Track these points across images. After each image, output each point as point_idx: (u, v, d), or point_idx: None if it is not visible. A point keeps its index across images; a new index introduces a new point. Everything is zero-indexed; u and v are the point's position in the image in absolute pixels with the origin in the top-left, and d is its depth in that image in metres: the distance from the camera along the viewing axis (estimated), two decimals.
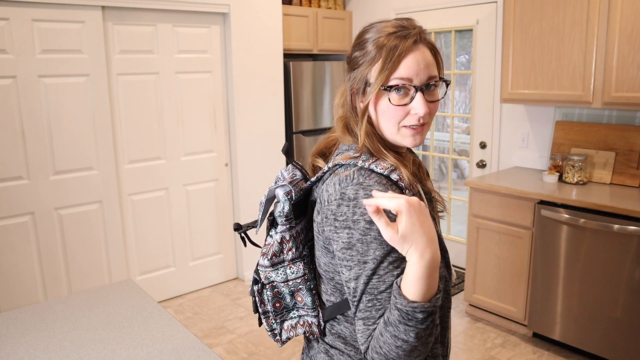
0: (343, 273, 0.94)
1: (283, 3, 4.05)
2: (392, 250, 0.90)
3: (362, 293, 0.91)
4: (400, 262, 0.91)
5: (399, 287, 0.86)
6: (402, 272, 0.91)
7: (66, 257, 3.16)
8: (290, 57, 4.36)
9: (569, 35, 2.88)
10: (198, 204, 3.75)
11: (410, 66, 0.95)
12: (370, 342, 0.91)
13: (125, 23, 3.23)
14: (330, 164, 1.01)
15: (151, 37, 3.35)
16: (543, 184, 3.05)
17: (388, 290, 0.90)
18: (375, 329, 0.91)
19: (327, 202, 0.97)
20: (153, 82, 3.41)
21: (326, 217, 0.96)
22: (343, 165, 0.99)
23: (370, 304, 0.91)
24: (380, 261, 0.90)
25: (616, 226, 2.55)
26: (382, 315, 0.90)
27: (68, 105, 3.06)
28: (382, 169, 0.95)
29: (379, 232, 0.89)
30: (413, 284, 0.84)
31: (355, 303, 0.92)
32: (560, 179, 3.12)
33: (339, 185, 0.96)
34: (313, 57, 4.66)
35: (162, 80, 3.44)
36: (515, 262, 3.03)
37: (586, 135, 3.15)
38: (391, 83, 0.96)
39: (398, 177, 0.95)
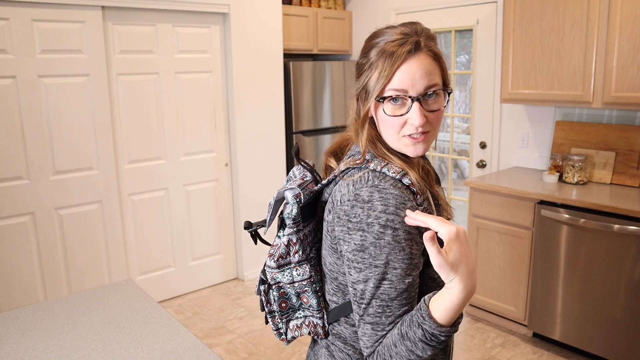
0: (351, 274, 0.94)
1: (283, 3, 4.05)
2: (406, 256, 0.90)
3: (372, 297, 0.91)
4: (412, 269, 0.92)
5: (428, 306, 0.87)
6: (413, 280, 0.92)
7: (66, 257, 3.16)
8: (290, 57, 4.36)
9: (569, 35, 2.88)
10: (198, 204, 3.75)
11: (404, 77, 0.94)
12: (377, 347, 0.92)
13: (125, 23, 3.23)
14: (342, 167, 1.01)
15: (151, 37, 3.35)
16: (543, 184, 3.05)
17: (399, 298, 0.91)
18: (383, 335, 0.91)
19: (340, 202, 0.96)
20: (153, 82, 3.41)
21: (338, 217, 0.96)
22: (355, 168, 0.99)
23: (380, 310, 0.91)
24: (394, 267, 0.90)
25: (616, 226, 2.55)
26: (392, 322, 0.91)
27: (68, 105, 3.06)
28: (395, 172, 0.95)
29: (392, 237, 0.89)
30: (448, 310, 0.85)
31: (363, 306, 0.92)
32: (560, 179, 3.12)
33: (353, 186, 0.95)
34: (313, 57, 4.66)
35: (162, 80, 3.44)
36: (515, 262, 3.02)
37: (586, 135, 3.15)
38: (386, 94, 0.95)
39: (410, 182, 0.95)
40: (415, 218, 0.88)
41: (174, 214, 3.64)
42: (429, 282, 0.99)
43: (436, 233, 0.85)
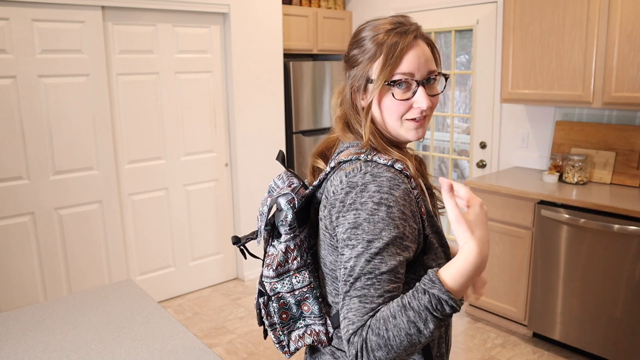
0: (343, 254, 0.91)
1: (283, 3, 4.05)
2: (399, 234, 0.89)
3: (362, 273, 0.87)
4: (404, 248, 0.90)
5: (437, 274, 0.84)
6: (404, 259, 0.90)
7: (66, 257, 3.16)
8: (290, 57, 4.36)
9: (569, 35, 2.88)
10: (198, 204, 3.75)
11: (412, 61, 0.97)
12: (369, 321, 0.85)
13: (125, 23, 3.23)
14: (332, 164, 1.01)
15: (151, 37, 3.35)
16: (543, 184, 3.05)
17: (388, 273, 0.87)
18: (372, 308, 0.85)
19: (334, 193, 0.97)
20: (153, 82, 3.41)
21: (333, 206, 0.96)
22: (347, 161, 1.00)
23: (369, 282, 0.87)
24: (386, 242, 0.88)
25: (616, 226, 2.55)
26: (381, 296, 0.86)
27: (68, 105, 3.06)
28: (385, 160, 0.96)
29: (386, 214, 0.89)
30: (458, 275, 0.83)
31: (351, 281, 0.88)
32: (560, 179, 3.12)
33: (346, 177, 0.96)
34: (313, 57, 4.66)
35: (162, 80, 3.44)
36: (515, 262, 3.03)
37: (586, 135, 3.15)
38: (395, 78, 0.97)
39: (402, 167, 0.96)
40: (445, 181, 0.89)
41: (174, 214, 3.64)
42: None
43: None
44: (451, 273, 0.83)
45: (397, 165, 0.96)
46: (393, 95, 0.97)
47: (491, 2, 3.57)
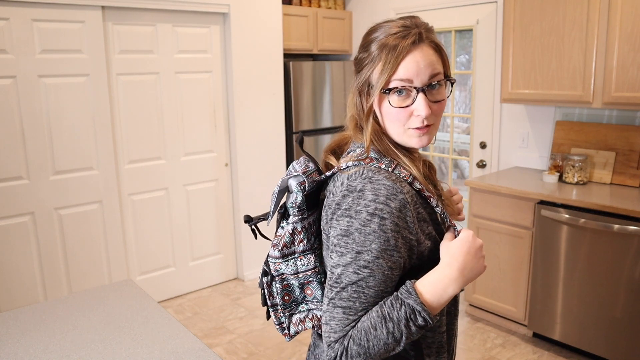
0: (332, 258, 0.94)
1: (283, 3, 4.05)
2: (389, 247, 0.90)
3: (350, 283, 0.91)
4: (395, 261, 0.91)
5: (414, 285, 0.90)
6: (393, 272, 0.91)
7: (66, 257, 3.16)
8: (290, 57, 4.36)
9: (569, 35, 2.88)
10: (198, 204, 3.75)
11: (410, 67, 0.94)
12: (350, 331, 0.90)
13: (125, 23, 3.23)
14: (341, 166, 1.01)
15: (151, 37, 3.35)
16: (543, 184, 3.05)
17: (376, 288, 0.90)
18: (355, 320, 0.90)
19: (333, 194, 0.97)
20: (153, 82, 3.41)
21: (329, 207, 0.97)
22: (353, 165, 0.99)
23: (355, 295, 0.90)
24: (375, 255, 0.89)
25: (616, 226, 2.55)
26: (365, 309, 0.90)
27: (68, 105, 3.06)
28: (405, 176, 0.96)
29: (379, 226, 0.89)
30: (431, 284, 0.90)
31: (337, 289, 0.92)
32: (560, 179, 3.12)
33: (347, 179, 0.96)
34: (313, 57, 4.66)
35: (162, 80, 3.44)
36: (515, 262, 3.03)
37: (586, 135, 3.15)
38: (391, 85, 0.95)
39: (420, 187, 0.96)
40: None
41: (174, 214, 3.64)
42: None
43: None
44: (424, 284, 0.90)
45: (416, 185, 0.96)
46: (390, 103, 0.96)
47: (491, 2, 3.57)
